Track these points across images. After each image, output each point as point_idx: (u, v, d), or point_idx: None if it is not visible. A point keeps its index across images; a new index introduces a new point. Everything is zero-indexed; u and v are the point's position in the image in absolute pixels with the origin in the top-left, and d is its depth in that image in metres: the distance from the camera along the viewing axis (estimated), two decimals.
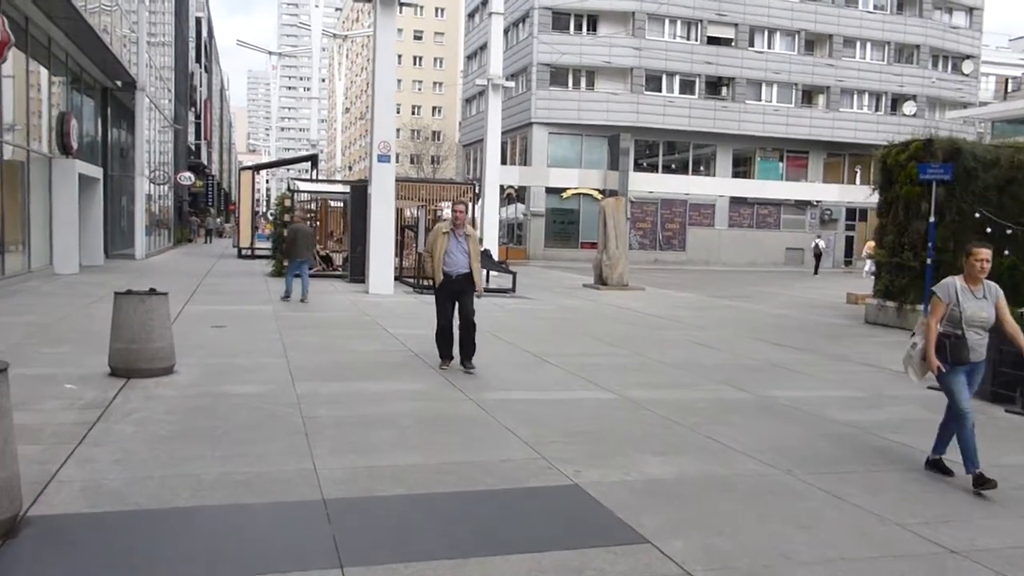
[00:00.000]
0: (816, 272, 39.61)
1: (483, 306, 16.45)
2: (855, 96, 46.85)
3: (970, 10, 49.50)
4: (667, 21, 43.28)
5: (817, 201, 46.25)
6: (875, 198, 16.52)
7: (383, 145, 17.34)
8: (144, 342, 7.57)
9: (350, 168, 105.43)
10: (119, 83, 25.57)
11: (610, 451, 5.74)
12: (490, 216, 26.12)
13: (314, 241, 18.37)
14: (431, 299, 16.43)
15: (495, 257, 25.37)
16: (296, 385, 7.53)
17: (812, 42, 46.20)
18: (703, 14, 43.38)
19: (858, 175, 47.45)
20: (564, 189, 42.15)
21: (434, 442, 5.82)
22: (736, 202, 44.88)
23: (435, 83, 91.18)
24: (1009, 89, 52.98)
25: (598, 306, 17.72)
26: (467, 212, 10.79)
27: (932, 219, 14.21)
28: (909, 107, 47.22)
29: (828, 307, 19.44)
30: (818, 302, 21.07)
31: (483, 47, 51.18)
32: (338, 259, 24.59)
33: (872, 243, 41.05)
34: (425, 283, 18.42)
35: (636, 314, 16.34)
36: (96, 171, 23.30)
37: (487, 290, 20.23)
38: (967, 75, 49.72)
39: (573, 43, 41.94)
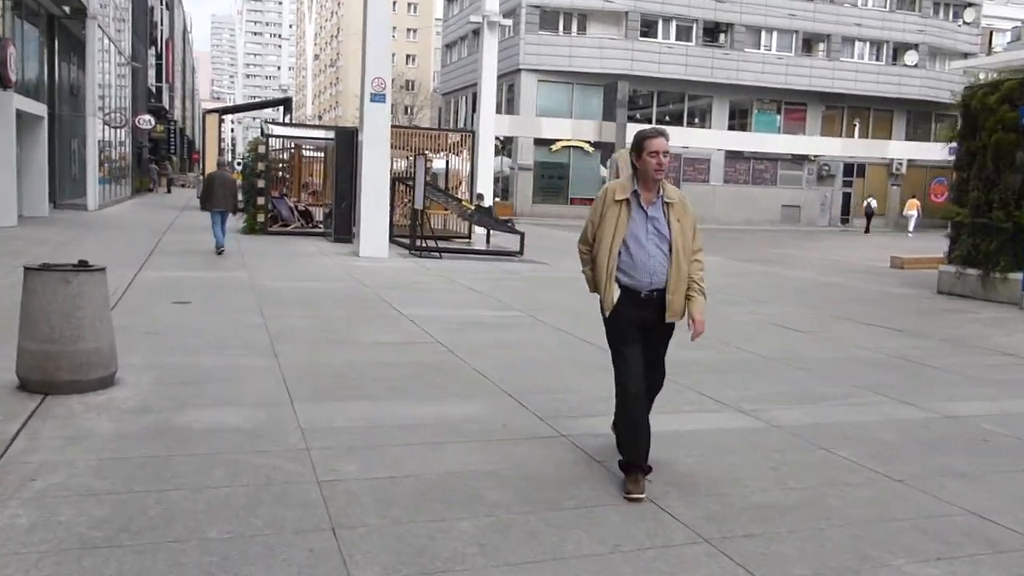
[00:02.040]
0: (867, 231, 39.23)
1: (494, 273, 14.26)
2: (856, 44, 44.47)
3: None
4: None
5: (815, 156, 44.12)
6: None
7: (377, 82, 14.73)
8: (69, 341, 5.13)
9: (320, 117, 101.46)
10: (67, 9, 22.50)
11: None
12: (484, 169, 23.56)
13: (235, 190, 15.86)
14: (435, 265, 14.37)
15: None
16: (297, 408, 5.13)
17: None
18: None
19: (856, 128, 45.36)
20: (554, 141, 39.56)
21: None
22: (732, 156, 42.58)
23: (409, 30, 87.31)
24: (994, 43, 50.94)
25: None
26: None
27: None
28: (911, 57, 44.98)
29: (875, 273, 17.32)
30: (857, 266, 18.97)
31: None
32: (318, 214, 22.00)
33: (915, 200, 39.84)
34: (424, 243, 16.00)
35: None
36: (39, 108, 20.36)
37: (489, 252, 17.91)
38: (969, 23, 47.54)
39: None
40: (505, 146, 39.91)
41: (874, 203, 41.26)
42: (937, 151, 43.92)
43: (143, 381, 5.57)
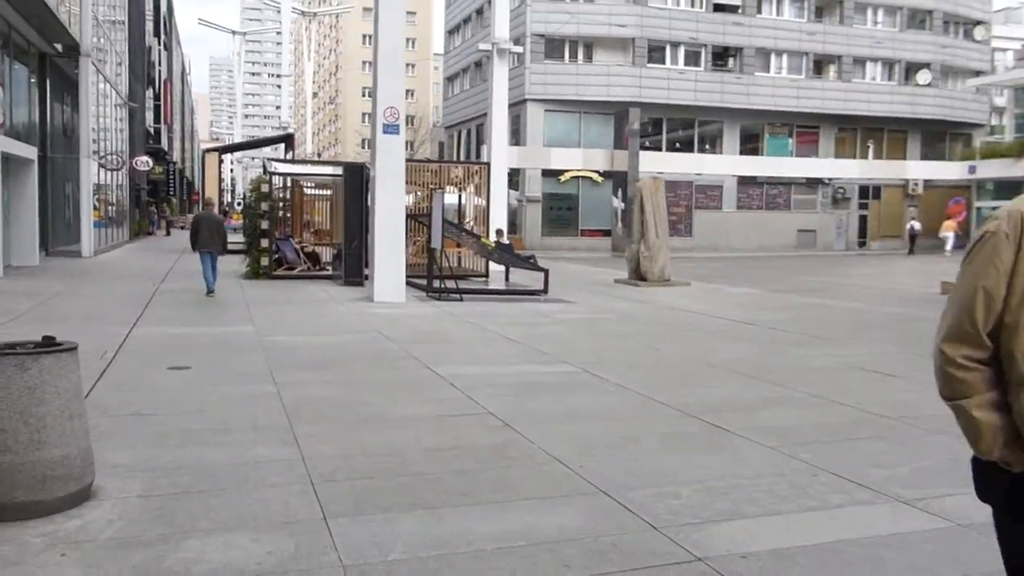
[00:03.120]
0: (911, 253, 39.04)
1: (523, 315, 12.96)
2: (867, 65, 43.57)
3: None
4: None
5: (829, 179, 43.03)
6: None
7: (390, 112, 13.54)
8: (27, 449, 3.83)
9: (319, 154, 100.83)
10: (59, 47, 21.44)
11: None
12: (498, 203, 22.39)
13: (223, 230, 15.27)
14: (458, 309, 13.02)
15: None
16: (333, 528, 3.80)
17: (822, 8, 42.85)
18: None
19: (871, 150, 44.30)
20: (563, 171, 38.46)
21: None
22: (744, 182, 41.46)
23: (407, 65, 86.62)
24: (996, 61, 50.09)
25: (658, 310, 14.14)
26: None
27: None
28: (923, 76, 44.06)
29: (929, 301, 15.95)
30: (908, 293, 17.66)
31: (467, 20, 47.47)
32: (324, 255, 20.75)
33: (950, 222, 39.61)
34: (442, 284, 14.73)
35: (715, 320, 12.78)
36: (29, 151, 19.18)
37: (512, 292, 16.67)
38: (980, 41, 46.71)
39: (569, 11, 38.15)
40: (512, 178, 38.79)
41: (917, 225, 40.34)
42: (955, 170, 43.12)
43: (129, 492, 4.25)
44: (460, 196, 20.83)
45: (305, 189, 25.15)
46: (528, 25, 37.91)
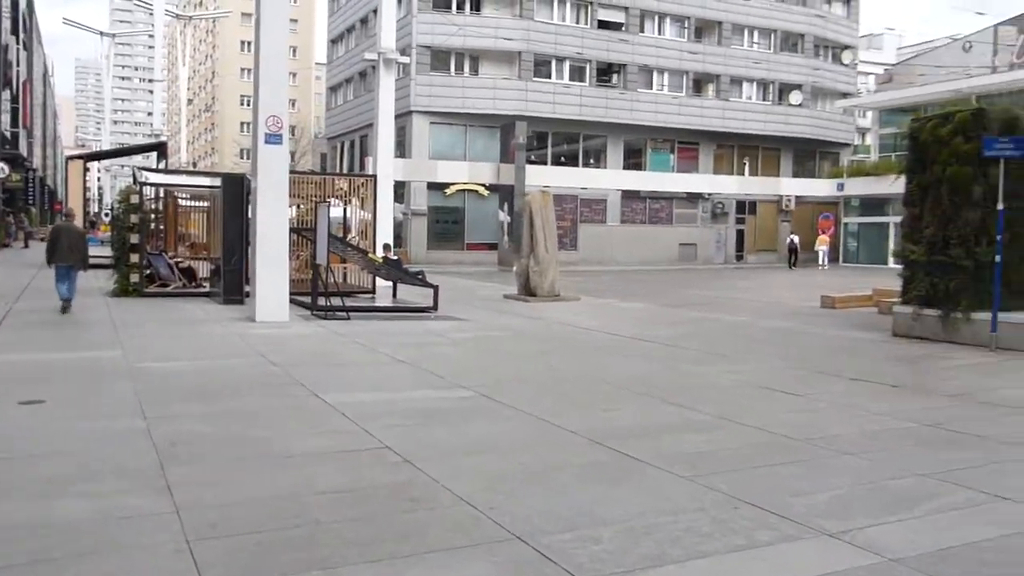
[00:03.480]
0: (792, 266, 40.43)
1: (413, 334, 12.38)
2: (744, 85, 45.15)
3: (847, 0, 48.97)
4: (556, 2, 39.98)
5: (709, 194, 44.26)
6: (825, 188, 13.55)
7: (272, 121, 12.82)
8: None
9: (194, 164, 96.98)
10: None
11: None
12: (385, 216, 21.78)
13: (84, 244, 14.32)
14: (345, 329, 12.34)
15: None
16: None
17: (701, 29, 44.16)
18: None
19: (747, 166, 45.88)
20: (449, 185, 38.07)
21: None
22: (628, 196, 42.12)
23: (290, 74, 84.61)
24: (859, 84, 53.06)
25: (551, 327, 13.94)
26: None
27: (1001, 206, 11.24)
28: (795, 96, 46.02)
29: (813, 315, 16.41)
30: (792, 307, 18.07)
31: (351, 29, 46.59)
32: (201, 270, 19.64)
33: (825, 236, 41.97)
34: (328, 302, 14.06)
35: (610, 337, 12.65)
36: None
37: (401, 309, 16.14)
38: (847, 65, 49.21)
39: (456, 23, 37.87)
40: (398, 191, 38.14)
41: (797, 239, 42.05)
42: (824, 188, 45.15)
43: None
44: (345, 209, 20.12)
45: (180, 200, 23.89)
46: (414, 36, 37.44)
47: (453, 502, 4.63)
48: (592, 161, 42.75)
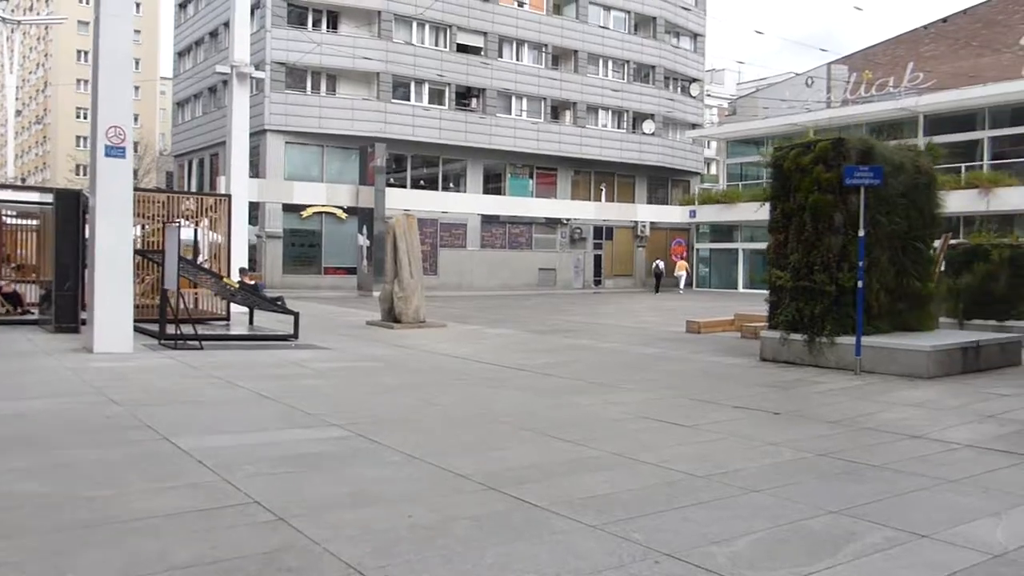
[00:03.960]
0: (657, 291, 41.70)
1: (275, 365, 11.39)
2: (600, 113, 46.18)
3: (695, 36, 51.14)
4: (415, 24, 39.56)
5: (567, 219, 44.84)
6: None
7: (114, 132, 11.62)
8: None
9: (23, 180, 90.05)
10: None
11: None
12: (239, 238, 20.55)
13: None
14: (199, 360, 11.25)
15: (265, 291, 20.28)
16: None
17: (558, 57, 44.88)
18: (453, 19, 40.23)
19: (603, 192, 46.84)
20: (305, 207, 36.74)
21: None
22: (488, 221, 42.07)
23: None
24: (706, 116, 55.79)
25: (421, 356, 13.34)
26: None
27: (862, 233, 11.56)
28: (648, 126, 47.51)
29: (681, 340, 16.53)
30: (658, 332, 18.18)
31: (200, 41, 44.52)
32: (31, 295, 17.79)
33: (684, 262, 44.01)
34: (178, 330, 12.89)
35: (485, 366, 12.18)
36: None
37: (258, 337, 15.09)
38: (695, 97, 51.30)
39: (313, 41, 36.77)
40: (251, 212, 36.45)
41: (662, 264, 43.31)
42: (677, 214, 46.66)
43: None
44: (196, 231, 18.78)
45: (5, 218, 21.72)
46: (268, 52, 36.06)
47: (339, 570, 3.96)
48: (452, 185, 42.47)
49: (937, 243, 14.26)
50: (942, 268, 15.69)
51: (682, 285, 42.70)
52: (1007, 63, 38.68)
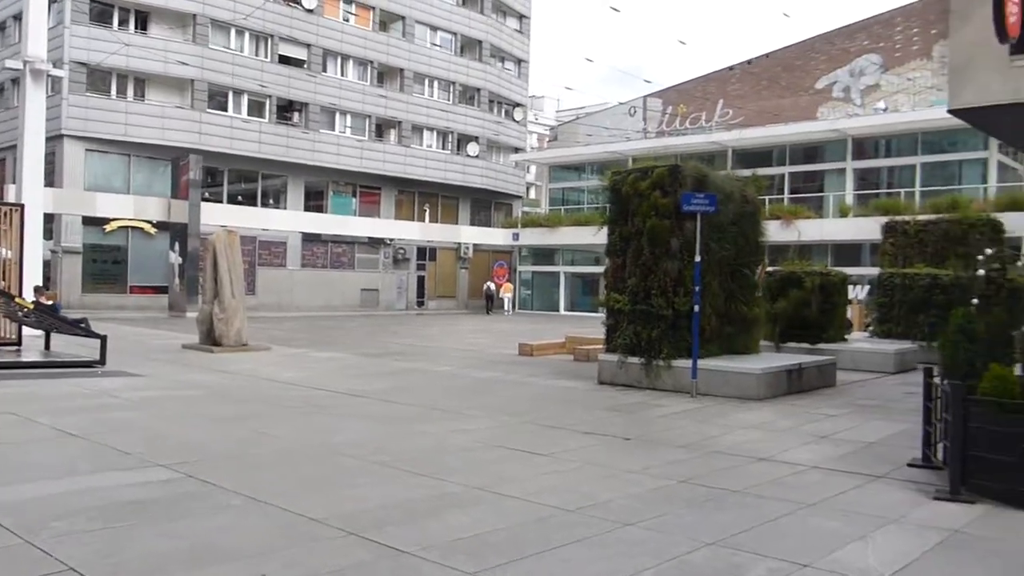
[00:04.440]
0: (488, 312, 42.40)
1: (81, 395, 10.02)
2: (425, 133, 45.95)
3: (519, 61, 52.09)
4: (233, 31, 37.76)
5: (390, 239, 44.15)
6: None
7: None
8: None
9: None
10: None
11: None
12: (34, 254, 18.49)
13: None
14: None
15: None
16: None
17: (384, 74, 44.30)
18: (275, 28, 38.74)
19: (427, 213, 46.56)
20: (109, 220, 33.96)
21: None
22: (309, 239, 40.63)
23: None
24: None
25: (249, 382, 12.43)
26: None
27: (698, 258, 11.85)
28: (473, 148, 47.75)
29: (515, 363, 16.41)
30: (489, 356, 17.98)
31: None
32: None
33: (509, 284, 44.78)
34: None
35: (319, 393, 11.48)
36: None
37: (58, 364, 13.54)
38: (518, 121, 52.18)
39: (119, 41, 34.20)
40: (45, 225, 33.27)
41: (493, 286, 43.99)
42: (500, 236, 47.09)
43: None
44: None
45: None
46: (67, 50, 33.13)
47: None
48: (272, 201, 40.76)
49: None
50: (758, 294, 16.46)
51: (507, 307, 43.26)
52: (804, 104, 42.02)
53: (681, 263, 12.31)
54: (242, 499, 5.61)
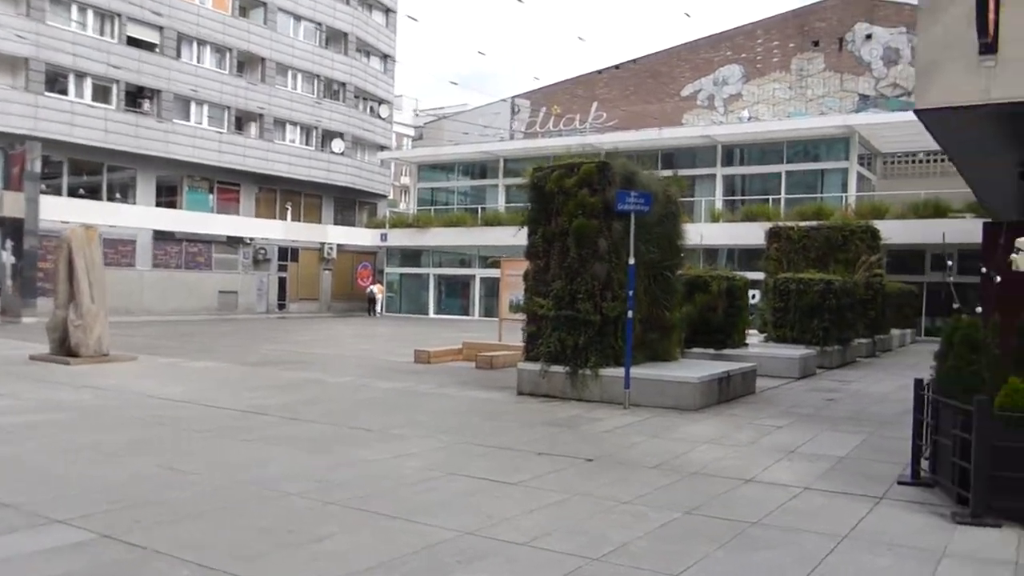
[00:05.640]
0: (371, 314, 42.38)
1: None
2: (288, 128, 43.68)
3: (385, 57, 50.57)
4: (75, 7, 34.42)
5: (250, 239, 41.67)
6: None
7: None
8: None
9: None
10: None
11: None
12: None
13: None
14: None
15: None
16: None
17: (244, 63, 41.75)
18: (123, 7, 35.60)
19: (289, 212, 44.33)
20: None
21: None
22: (162, 237, 37.64)
23: None
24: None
25: (121, 399, 10.80)
26: None
27: (632, 260, 11.21)
28: (337, 144, 45.83)
29: (416, 371, 15.28)
30: (384, 363, 16.76)
31: None
32: None
33: (381, 286, 43.98)
34: None
35: (213, 411, 10.05)
36: None
37: None
38: (384, 119, 50.64)
39: None
40: None
41: (376, 289, 43.40)
42: (367, 237, 45.43)
43: None
44: None
45: None
46: None
47: None
48: (119, 196, 37.46)
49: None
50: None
51: (379, 309, 41.99)
52: (670, 111, 42.83)
53: (610, 265, 11.65)
54: (192, 570, 4.37)
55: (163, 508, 5.55)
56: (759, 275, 24.08)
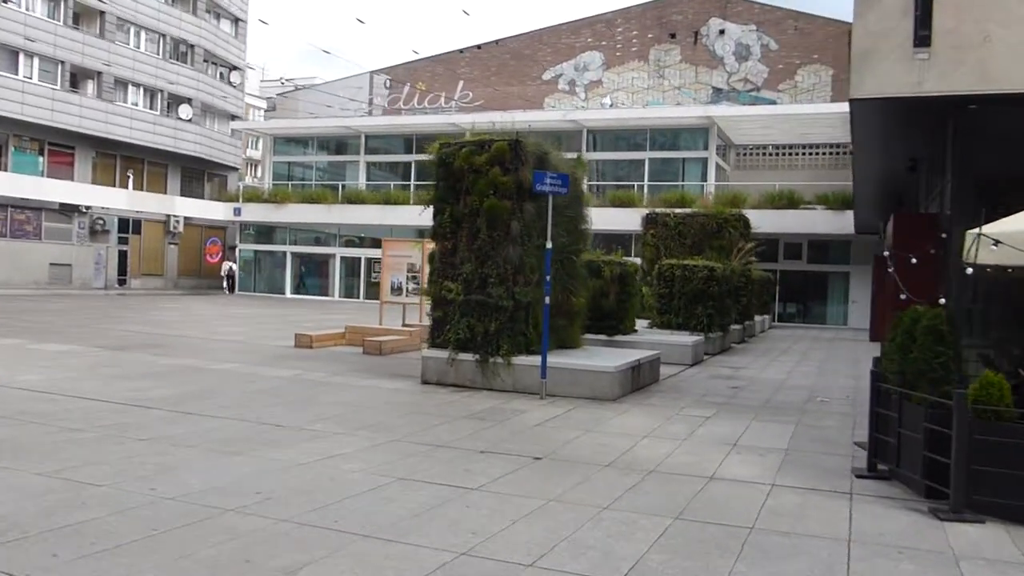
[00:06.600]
0: (232, 292, 41.15)
1: None
2: (130, 89, 40.37)
3: (236, 20, 47.68)
4: None
5: (87, 207, 38.32)
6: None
7: None
8: None
9: None
10: None
11: None
12: None
13: None
14: None
15: None
16: None
17: (80, 15, 38.16)
18: None
19: (131, 180, 41.09)
20: None
21: None
22: None
23: None
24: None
25: None
26: None
27: (549, 244, 10.69)
28: (185, 110, 42.85)
29: (302, 357, 14.19)
30: (265, 347, 15.52)
31: None
32: None
33: (231, 263, 42.01)
34: None
35: (86, 404, 8.81)
36: None
37: None
38: (235, 86, 47.87)
39: None
40: None
41: (234, 266, 42.06)
42: (220, 211, 42.79)
43: None
44: None
45: None
46: None
47: None
48: None
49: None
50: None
51: (226, 285, 39.88)
52: (531, 94, 42.65)
53: (523, 249, 11.10)
54: None
55: (78, 539, 4.52)
56: (635, 260, 24.23)
